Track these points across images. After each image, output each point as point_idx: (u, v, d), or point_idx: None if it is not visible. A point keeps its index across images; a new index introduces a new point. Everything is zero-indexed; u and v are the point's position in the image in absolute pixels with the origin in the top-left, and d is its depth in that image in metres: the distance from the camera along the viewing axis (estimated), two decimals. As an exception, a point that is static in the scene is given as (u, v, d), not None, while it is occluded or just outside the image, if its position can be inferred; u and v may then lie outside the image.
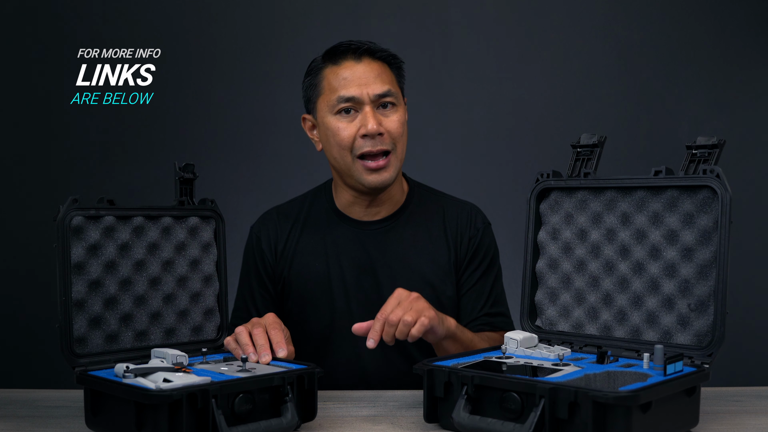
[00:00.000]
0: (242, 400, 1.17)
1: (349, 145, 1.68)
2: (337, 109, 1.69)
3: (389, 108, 1.71)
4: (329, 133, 1.71)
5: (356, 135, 1.68)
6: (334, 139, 1.70)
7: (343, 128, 1.68)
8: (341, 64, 1.71)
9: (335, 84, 1.69)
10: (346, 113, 1.69)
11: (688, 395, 1.20)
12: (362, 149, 1.67)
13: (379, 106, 1.69)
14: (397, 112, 1.71)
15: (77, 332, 1.30)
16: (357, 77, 1.68)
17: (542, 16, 3.20)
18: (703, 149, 1.30)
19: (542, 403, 1.11)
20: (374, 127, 1.66)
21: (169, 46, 3.11)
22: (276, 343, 1.40)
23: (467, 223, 1.82)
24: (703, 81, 3.20)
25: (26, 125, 3.14)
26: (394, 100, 1.71)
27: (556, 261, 1.48)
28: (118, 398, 1.17)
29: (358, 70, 1.69)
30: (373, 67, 1.71)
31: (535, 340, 1.42)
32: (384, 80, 1.70)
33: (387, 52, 1.75)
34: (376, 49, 1.73)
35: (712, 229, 1.29)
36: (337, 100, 1.68)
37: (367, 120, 1.66)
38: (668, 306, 1.34)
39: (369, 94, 1.68)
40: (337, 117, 1.69)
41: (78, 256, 1.30)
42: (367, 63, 1.70)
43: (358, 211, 1.80)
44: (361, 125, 1.67)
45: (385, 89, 1.69)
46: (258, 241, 1.83)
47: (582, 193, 1.45)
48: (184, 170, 1.45)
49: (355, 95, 1.67)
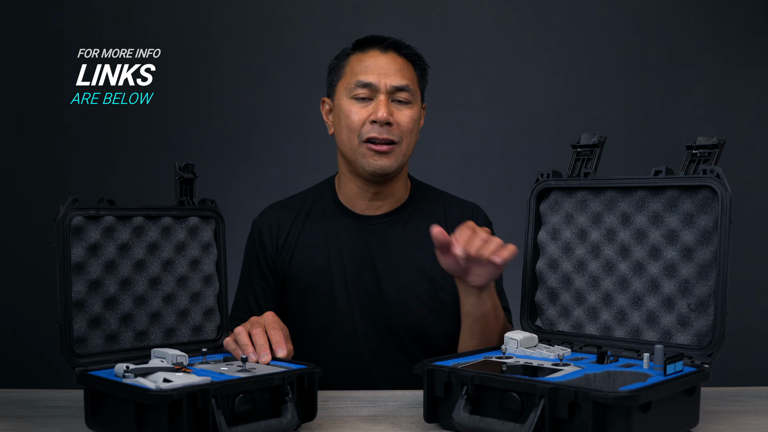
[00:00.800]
0: (242, 400, 1.17)
1: (357, 129, 1.72)
2: (354, 94, 1.73)
3: (404, 103, 1.74)
4: (342, 114, 1.75)
5: (366, 120, 1.71)
6: (345, 121, 1.74)
7: (355, 112, 1.72)
8: (367, 52, 1.76)
9: (357, 69, 1.74)
10: (362, 99, 1.73)
11: (688, 395, 1.20)
12: (369, 134, 1.71)
13: (394, 99, 1.73)
14: (410, 109, 1.75)
15: (77, 332, 1.30)
16: (379, 66, 1.73)
17: (542, 16, 3.20)
18: (703, 149, 1.30)
19: (542, 403, 1.12)
20: (384, 115, 1.69)
21: (169, 46, 3.12)
22: (275, 343, 1.40)
23: (468, 219, 1.82)
24: (703, 80, 3.20)
25: (26, 125, 3.14)
26: (410, 97, 1.74)
27: (556, 261, 1.48)
28: (118, 398, 1.17)
29: (381, 60, 1.74)
30: (397, 61, 1.75)
31: (535, 340, 1.42)
32: (404, 75, 1.74)
33: (413, 50, 1.80)
34: (403, 45, 1.78)
35: (712, 229, 1.29)
36: (355, 84, 1.73)
37: (379, 107, 1.70)
38: (668, 306, 1.34)
39: (387, 84, 1.72)
40: (352, 101, 1.74)
41: (78, 256, 1.30)
42: (391, 56, 1.75)
43: (361, 205, 1.81)
44: (373, 112, 1.71)
45: (403, 83, 1.73)
46: (260, 234, 1.84)
47: (582, 193, 1.45)
48: (184, 170, 1.45)
49: (373, 82, 1.72)
